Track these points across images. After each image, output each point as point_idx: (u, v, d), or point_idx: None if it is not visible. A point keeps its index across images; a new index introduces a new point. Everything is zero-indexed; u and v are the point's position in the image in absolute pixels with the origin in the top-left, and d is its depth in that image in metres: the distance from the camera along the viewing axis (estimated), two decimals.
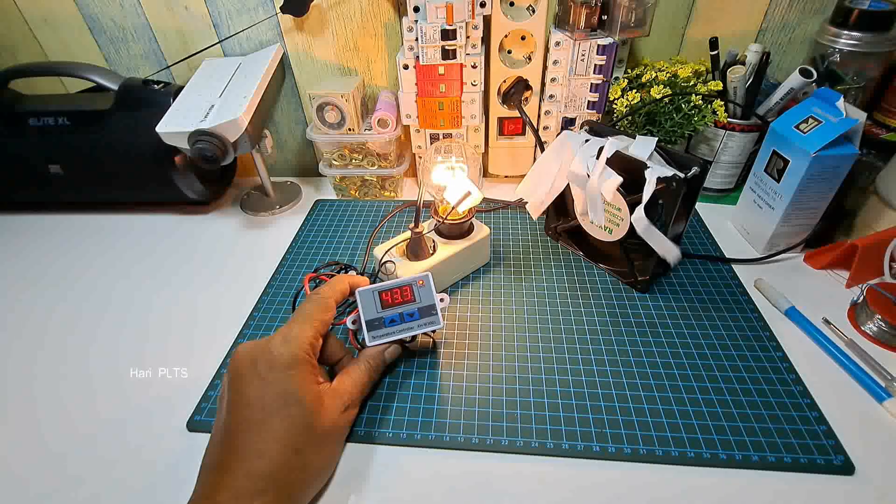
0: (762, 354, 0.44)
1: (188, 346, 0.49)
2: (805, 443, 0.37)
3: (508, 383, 0.43)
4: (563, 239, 0.59)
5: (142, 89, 0.62)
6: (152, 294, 0.56)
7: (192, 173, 0.65)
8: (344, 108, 0.62)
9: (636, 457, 0.37)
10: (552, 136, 0.66)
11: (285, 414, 0.33)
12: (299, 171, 0.80)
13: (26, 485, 0.38)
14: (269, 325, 0.50)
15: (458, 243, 0.52)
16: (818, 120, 0.49)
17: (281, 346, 0.35)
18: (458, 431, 0.39)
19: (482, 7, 0.56)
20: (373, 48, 0.67)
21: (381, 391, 0.43)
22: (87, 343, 0.50)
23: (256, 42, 0.67)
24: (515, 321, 0.49)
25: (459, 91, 0.62)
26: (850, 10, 0.54)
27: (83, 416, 0.43)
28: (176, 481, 0.36)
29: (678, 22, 0.63)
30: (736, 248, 0.58)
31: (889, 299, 0.46)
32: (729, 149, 0.62)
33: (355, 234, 0.63)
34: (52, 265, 0.61)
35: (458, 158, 0.52)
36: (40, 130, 0.62)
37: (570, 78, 0.61)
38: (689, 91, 0.57)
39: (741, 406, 0.40)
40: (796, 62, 0.62)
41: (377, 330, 0.41)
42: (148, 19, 0.66)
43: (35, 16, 0.67)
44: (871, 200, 0.54)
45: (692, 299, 0.51)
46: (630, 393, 0.42)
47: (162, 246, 0.64)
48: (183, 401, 0.43)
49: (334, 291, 0.40)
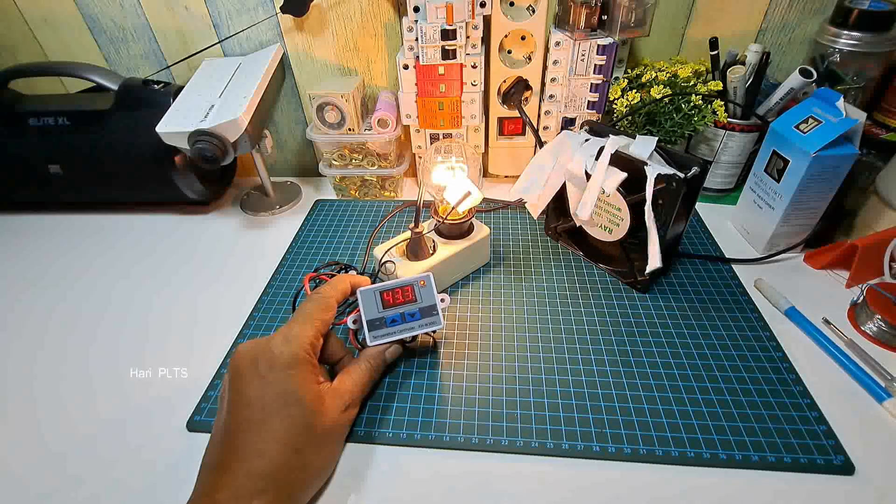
0: (762, 354, 0.44)
1: (188, 346, 0.49)
2: (805, 443, 0.37)
3: (508, 383, 0.43)
4: (563, 239, 0.59)
5: (142, 89, 0.62)
6: (152, 294, 0.56)
7: (192, 173, 0.65)
8: (344, 108, 0.62)
9: (636, 457, 0.37)
10: (552, 137, 0.66)
11: (285, 413, 0.33)
12: (299, 171, 0.80)
13: (26, 485, 0.38)
14: (269, 325, 0.50)
15: (458, 243, 0.52)
16: (818, 120, 0.49)
17: (281, 346, 0.35)
18: (458, 431, 0.39)
19: (482, 7, 0.56)
20: (373, 48, 0.67)
21: (381, 391, 0.43)
22: (87, 343, 0.50)
23: (256, 42, 0.67)
24: (515, 321, 0.49)
25: (459, 91, 0.62)
26: (849, 11, 0.54)
27: (83, 415, 0.43)
28: (176, 481, 0.36)
29: (678, 22, 0.63)
30: (736, 248, 0.58)
31: (889, 299, 0.46)
32: (729, 149, 0.62)
33: (355, 234, 0.63)
34: (52, 265, 0.61)
35: (458, 158, 0.52)
36: (40, 130, 0.62)
37: (570, 78, 0.61)
38: (689, 91, 0.57)
39: (741, 406, 0.40)
40: (796, 62, 0.62)
41: (378, 330, 0.41)
42: (148, 19, 0.66)
43: (35, 16, 0.67)
44: (871, 200, 0.54)
45: (692, 299, 0.51)
46: (630, 393, 0.42)
47: (162, 246, 0.64)
48: (183, 401, 0.43)
49: (335, 291, 0.40)
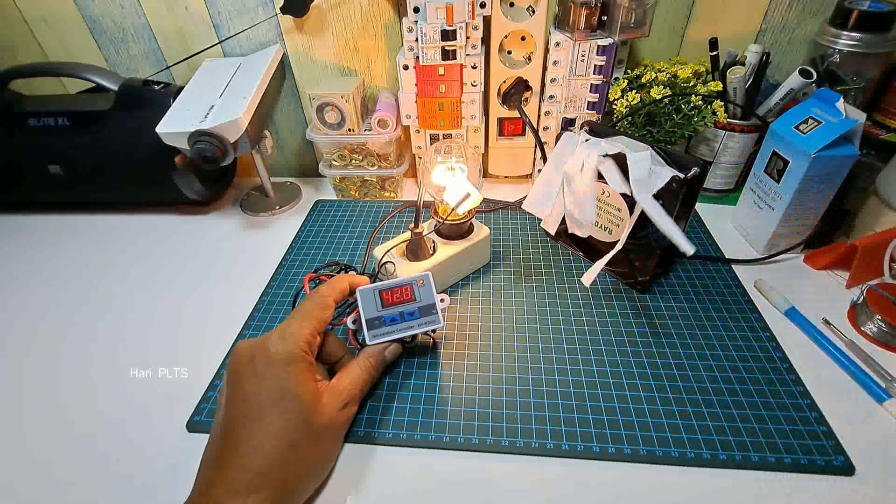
0: (762, 354, 0.44)
1: (188, 346, 0.49)
2: (805, 443, 0.37)
3: (508, 383, 0.43)
4: (563, 239, 0.59)
5: (142, 90, 0.62)
6: (152, 294, 0.56)
7: (192, 173, 0.65)
8: (344, 109, 0.62)
9: (636, 457, 0.37)
10: (552, 137, 0.66)
11: (281, 409, 0.33)
12: (299, 171, 0.80)
13: (26, 484, 0.38)
14: (269, 325, 0.50)
15: (458, 244, 0.52)
16: (818, 120, 0.49)
17: (278, 343, 0.35)
18: (457, 432, 0.39)
19: (482, 8, 0.56)
20: (373, 49, 0.67)
21: (380, 391, 0.43)
22: (87, 343, 0.50)
23: (256, 43, 0.67)
24: (515, 321, 0.49)
25: (459, 91, 0.62)
26: (849, 11, 0.54)
27: (83, 415, 0.43)
28: (176, 481, 0.36)
29: (678, 22, 0.63)
30: (736, 248, 0.58)
31: (889, 300, 0.46)
32: (729, 149, 0.62)
33: (355, 234, 0.63)
34: (52, 265, 0.61)
35: (458, 159, 0.52)
36: (40, 131, 0.62)
37: (569, 78, 0.61)
38: (688, 92, 0.57)
39: (741, 406, 0.40)
40: (796, 63, 0.62)
41: (377, 329, 0.41)
42: (148, 20, 0.66)
43: (35, 16, 0.67)
44: (871, 201, 0.54)
45: (692, 299, 0.51)
46: (630, 393, 0.42)
47: (162, 246, 0.64)
48: (183, 401, 0.43)
49: (334, 290, 0.41)
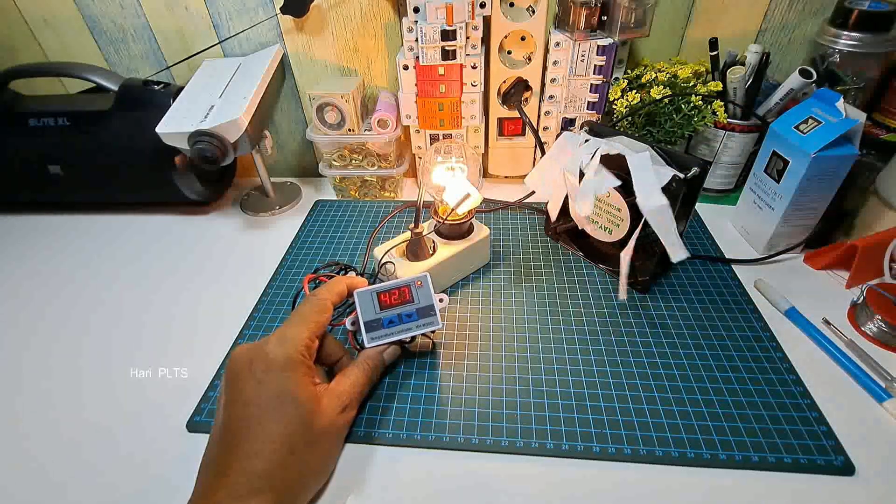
0: (762, 354, 0.44)
1: (188, 346, 0.49)
2: (805, 443, 0.37)
3: (508, 383, 0.43)
4: (562, 239, 0.59)
5: (142, 90, 0.62)
6: (152, 294, 0.56)
7: (192, 173, 0.65)
8: (344, 109, 0.62)
9: (636, 457, 0.37)
10: (552, 137, 0.66)
11: (281, 413, 0.33)
12: (299, 171, 0.80)
13: (24, 485, 0.38)
14: (269, 325, 0.50)
15: (457, 244, 0.52)
16: (818, 120, 0.49)
17: (276, 348, 0.35)
18: (457, 432, 0.39)
19: (482, 8, 0.56)
20: (373, 49, 0.67)
21: (380, 392, 0.43)
22: (87, 343, 0.50)
23: (256, 43, 0.67)
24: (515, 321, 0.49)
25: (459, 91, 0.62)
26: (849, 11, 0.54)
27: (83, 415, 0.43)
28: (176, 481, 0.36)
29: (678, 22, 0.63)
30: (736, 248, 0.58)
31: (889, 299, 0.46)
32: (729, 149, 0.62)
33: (355, 234, 0.63)
34: (52, 265, 0.61)
35: (458, 159, 0.52)
36: (40, 131, 0.62)
37: (569, 78, 0.61)
38: (688, 92, 0.57)
39: (741, 406, 0.40)
40: (796, 63, 0.62)
41: (376, 331, 0.41)
42: (148, 20, 0.66)
43: (35, 16, 0.67)
44: (871, 201, 0.54)
45: (692, 299, 0.51)
46: (630, 393, 0.42)
47: (162, 246, 0.64)
48: (183, 401, 0.43)
49: (331, 293, 0.41)
